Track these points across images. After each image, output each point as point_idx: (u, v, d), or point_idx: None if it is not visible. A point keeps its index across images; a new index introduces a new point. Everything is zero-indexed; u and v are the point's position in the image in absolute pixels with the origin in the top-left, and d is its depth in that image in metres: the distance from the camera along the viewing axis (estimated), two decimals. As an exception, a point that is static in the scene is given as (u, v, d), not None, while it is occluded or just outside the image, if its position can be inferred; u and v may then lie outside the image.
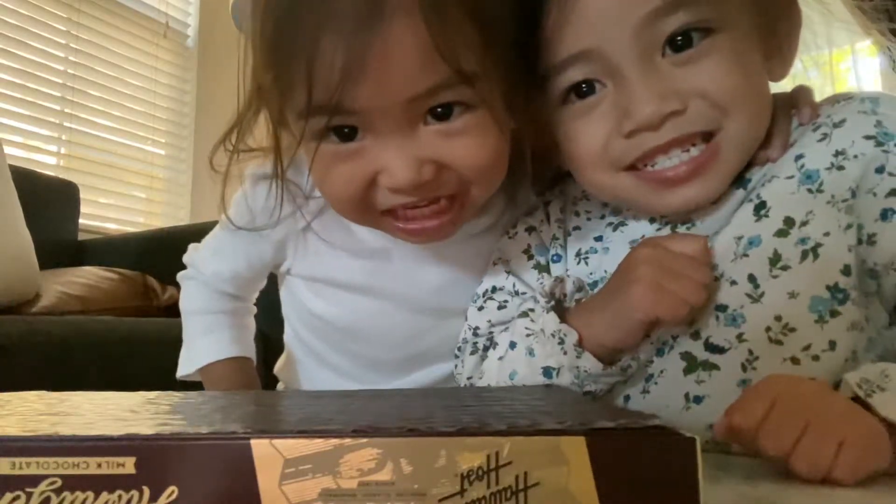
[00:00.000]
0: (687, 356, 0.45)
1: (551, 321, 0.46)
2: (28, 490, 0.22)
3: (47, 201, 1.60)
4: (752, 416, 0.34)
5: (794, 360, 0.42)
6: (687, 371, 0.45)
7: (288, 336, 0.72)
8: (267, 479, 0.22)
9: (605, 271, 0.51)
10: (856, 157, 0.43)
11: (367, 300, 0.59)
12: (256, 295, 0.73)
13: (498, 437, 0.22)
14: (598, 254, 0.53)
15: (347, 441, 0.22)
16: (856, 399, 0.36)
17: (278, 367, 0.74)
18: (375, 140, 0.45)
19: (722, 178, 0.45)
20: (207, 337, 0.64)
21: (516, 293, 0.55)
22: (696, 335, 0.45)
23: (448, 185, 0.46)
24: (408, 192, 0.45)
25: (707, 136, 0.44)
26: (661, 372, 0.47)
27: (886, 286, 0.43)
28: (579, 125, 0.47)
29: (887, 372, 0.36)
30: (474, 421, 0.24)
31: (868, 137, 0.43)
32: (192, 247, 0.68)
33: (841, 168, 0.43)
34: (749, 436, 0.34)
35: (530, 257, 0.56)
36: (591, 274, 0.52)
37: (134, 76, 2.03)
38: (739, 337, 0.44)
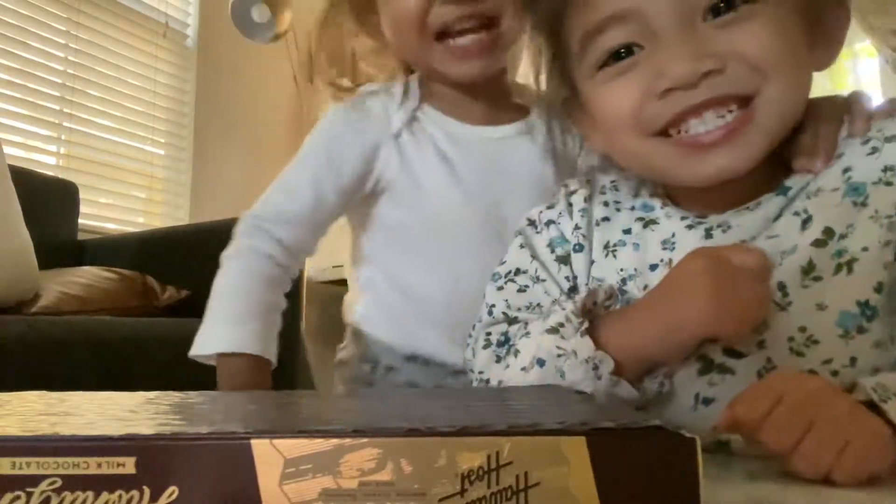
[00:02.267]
0: (703, 358, 0.44)
1: (586, 347, 0.43)
2: (28, 490, 0.22)
3: (47, 201, 1.60)
4: (756, 410, 0.34)
5: (812, 373, 0.41)
6: (701, 372, 0.44)
7: (366, 279, 0.73)
8: (267, 479, 0.22)
9: (636, 269, 0.50)
10: None
11: (449, 193, 0.66)
12: (301, 267, 0.74)
13: (498, 437, 0.22)
14: (627, 248, 0.52)
15: (347, 441, 0.22)
16: (867, 403, 0.35)
17: (357, 319, 0.74)
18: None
19: (756, 148, 0.43)
20: (234, 324, 0.63)
21: (538, 279, 0.54)
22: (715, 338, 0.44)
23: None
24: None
25: (744, 103, 0.43)
26: (675, 371, 0.45)
27: None
28: (613, 86, 0.46)
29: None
30: (474, 421, 0.24)
31: None
32: (248, 214, 0.69)
33: (889, 184, 0.43)
34: (751, 429, 0.34)
35: (552, 251, 0.55)
36: (620, 270, 0.51)
37: (134, 76, 2.02)
38: (760, 344, 0.43)
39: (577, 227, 0.54)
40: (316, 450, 0.22)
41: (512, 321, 0.54)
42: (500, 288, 0.55)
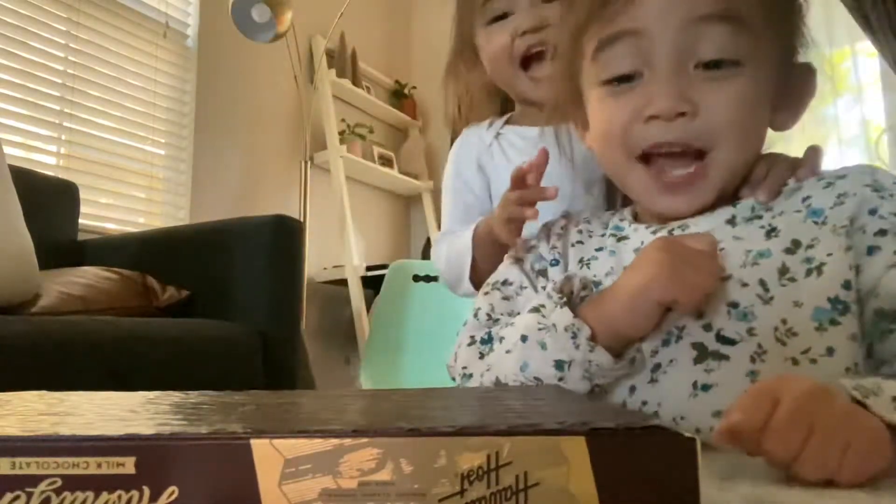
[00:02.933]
0: (698, 346, 0.48)
1: (565, 316, 0.49)
2: (28, 490, 0.22)
3: (47, 201, 1.60)
4: (754, 418, 0.34)
5: (794, 361, 0.46)
6: (697, 360, 0.48)
7: None
8: (267, 479, 0.22)
9: (612, 267, 0.57)
10: (854, 194, 0.50)
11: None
12: None
13: (498, 437, 0.22)
14: (602, 254, 0.59)
15: (347, 441, 0.22)
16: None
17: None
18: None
19: (707, 196, 0.53)
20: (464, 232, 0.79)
21: (522, 288, 0.61)
22: (707, 327, 0.49)
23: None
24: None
25: (700, 156, 0.52)
26: (671, 361, 0.49)
27: (867, 312, 0.47)
28: (611, 103, 0.55)
29: (881, 384, 0.37)
30: (474, 421, 0.24)
31: (866, 185, 0.50)
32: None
33: (841, 204, 0.50)
34: (752, 438, 0.34)
35: (533, 268, 0.63)
36: (594, 276, 0.57)
37: (134, 76, 2.02)
38: (750, 331, 0.48)
39: (553, 247, 0.63)
40: (316, 450, 0.22)
41: (494, 323, 0.60)
42: (487, 293, 0.63)
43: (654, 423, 0.23)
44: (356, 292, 2.36)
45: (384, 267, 2.25)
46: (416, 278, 2.17)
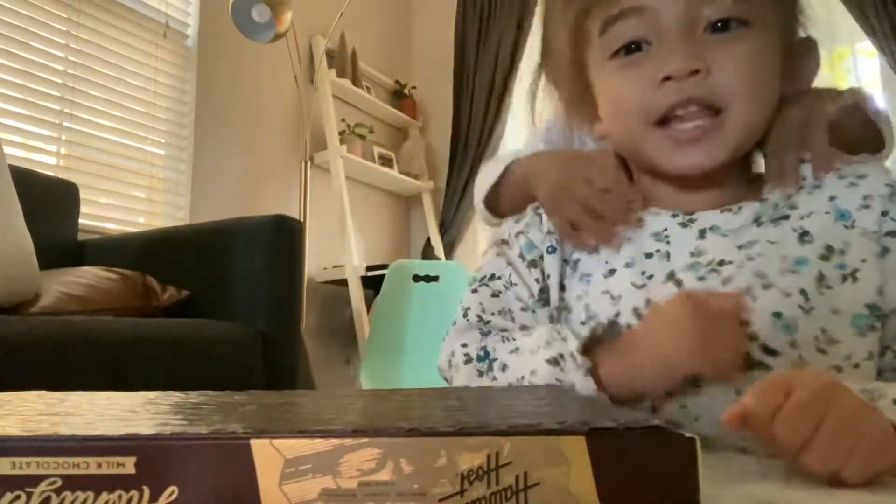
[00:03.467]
0: (744, 355, 0.48)
1: (587, 385, 0.46)
2: (28, 490, 0.22)
3: (47, 201, 1.60)
4: (768, 404, 0.34)
5: (838, 369, 0.47)
6: (741, 370, 0.47)
7: None
8: (267, 479, 0.22)
9: (632, 258, 0.55)
10: (880, 196, 0.51)
11: None
12: None
13: (498, 437, 0.22)
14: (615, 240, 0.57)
15: (347, 441, 0.22)
16: None
17: None
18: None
19: (722, 150, 0.52)
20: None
21: (511, 283, 0.59)
22: (752, 337, 0.48)
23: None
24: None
25: (715, 114, 0.51)
26: None
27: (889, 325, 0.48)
28: (623, 76, 0.54)
29: (880, 388, 0.39)
30: (474, 421, 0.24)
31: (886, 185, 0.51)
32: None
33: (868, 207, 0.51)
34: (763, 422, 0.34)
35: (523, 258, 0.60)
36: (606, 262, 0.56)
37: (134, 76, 2.02)
38: (793, 343, 0.47)
39: (549, 233, 0.60)
40: (316, 450, 0.22)
41: (485, 331, 0.58)
42: (475, 291, 0.61)
43: (655, 422, 0.23)
44: (356, 292, 2.36)
45: (384, 267, 2.25)
46: (416, 278, 2.17)
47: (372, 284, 2.37)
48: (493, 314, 0.59)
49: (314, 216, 2.40)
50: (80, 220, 1.73)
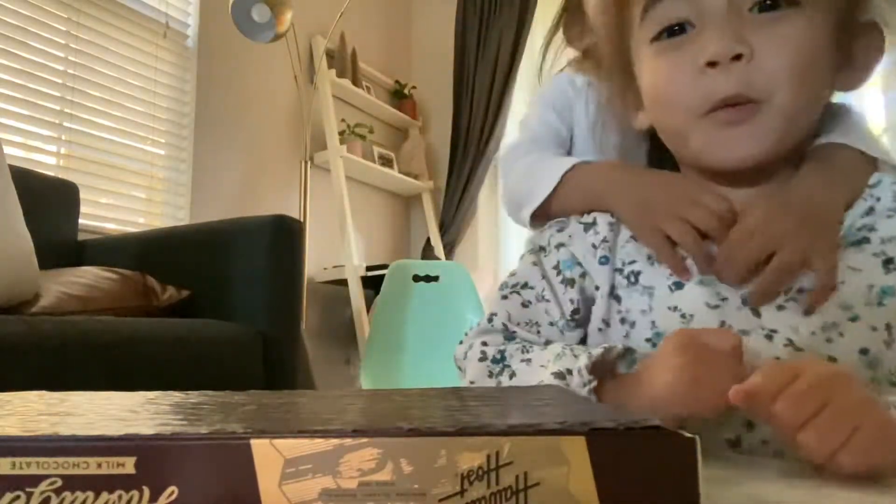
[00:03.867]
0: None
1: None
2: (28, 490, 0.22)
3: (47, 201, 1.60)
4: (774, 383, 0.35)
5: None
6: None
7: None
8: (267, 479, 0.22)
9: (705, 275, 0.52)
10: None
11: None
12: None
13: (498, 437, 0.22)
14: None
15: (347, 441, 0.22)
16: None
17: None
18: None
19: (769, 136, 0.49)
20: (554, 160, 0.68)
21: (543, 298, 0.57)
22: None
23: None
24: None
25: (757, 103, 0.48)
26: None
27: None
28: (666, 61, 0.52)
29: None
30: (474, 421, 0.24)
31: None
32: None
33: None
34: (766, 400, 0.34)
35: (559, 272, 0.58)
36: (670, 275, 0.53)
37: (134, 76, 2.02)
38: (873, 379, 0.45)
39: (604, 241, 0.56)
40: (316, 450, 0.22)
41: (509, 336, 0.56)
42: (505, 297, 0.58)
43: (655, 422, 0.23)
44: (356, 292, 2.36)
45: (384, 267, 2.25)
46: (416, 278, 2.17)
47: (372, 284, 2.37)
48: (518, 324, 0.57)
49: (314, 216, 2.40)
50: (80, 220, 1.73)
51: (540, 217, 0.66)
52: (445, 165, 2.97)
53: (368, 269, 2.40)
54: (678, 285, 0.52)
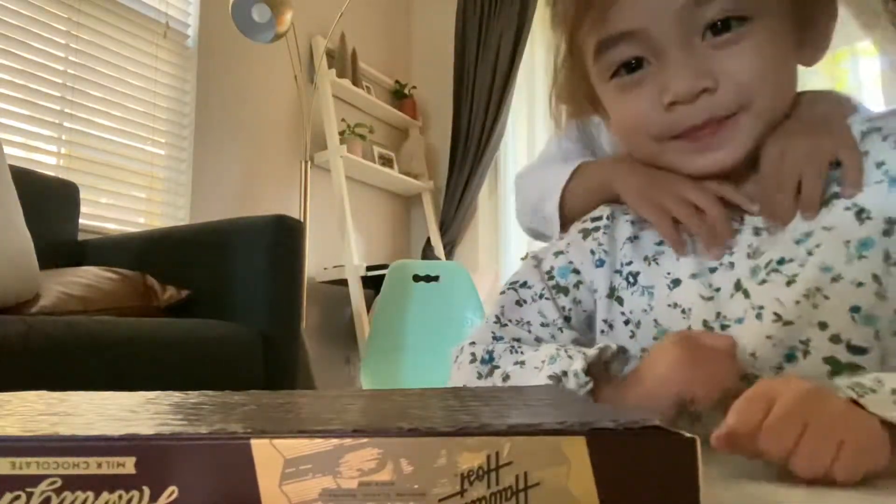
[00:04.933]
0: (831, 360, 0.46)
1: None
2: (28, 490, 0.22)
3: (47, 201, 1.60)
4: (751, 420, 0.34)
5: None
6: (832, 375, 0.45)
7: None
8: (267, 479, 0.22)
9: (698, 268, 0.53)
10: None
11: None
12: None
13: (498, 437, 0.22)
14: (670, 252, 0.55)
15: (347, 441, 0.22)
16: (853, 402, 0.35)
17: None
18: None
19: (746, 143, 0.50)
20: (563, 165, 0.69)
21: (541, 296, 0.58)
22: (835, 339, 0.45)
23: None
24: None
25: (732, 114, 0.49)
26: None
27: None
28: (626, 98, 0.52)
29: (881, 378, 0.37)
30: (474, 421, 0.24)
31: None
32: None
33: None
34: (749, 440, 0.34)
35: (552, 277, 0.59)
36: (668, 273, 0.54)
37: (134, 76, 2.02)
38: (876, 335, 0.45)
39: (599, 244, 0.58)
40: (316, 450, 0.22)
41: (498, 333, 0.57)
42: (503, 292, 0.59)
43: (655, 422, 0.23)
44: (356, 292, 2.36)
45: (384, 267, 2.25)
46: (416, 278, 2.17)
47: (372, 284, 2.37)
48: (510, 321, 0.58)
49: (314, 216, 2.40)
50: (81, 220, 1.73)
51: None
52: (445, 165, 2.97)
53: (368, 269, 2.40)
54: (675, 283, 0.53)
